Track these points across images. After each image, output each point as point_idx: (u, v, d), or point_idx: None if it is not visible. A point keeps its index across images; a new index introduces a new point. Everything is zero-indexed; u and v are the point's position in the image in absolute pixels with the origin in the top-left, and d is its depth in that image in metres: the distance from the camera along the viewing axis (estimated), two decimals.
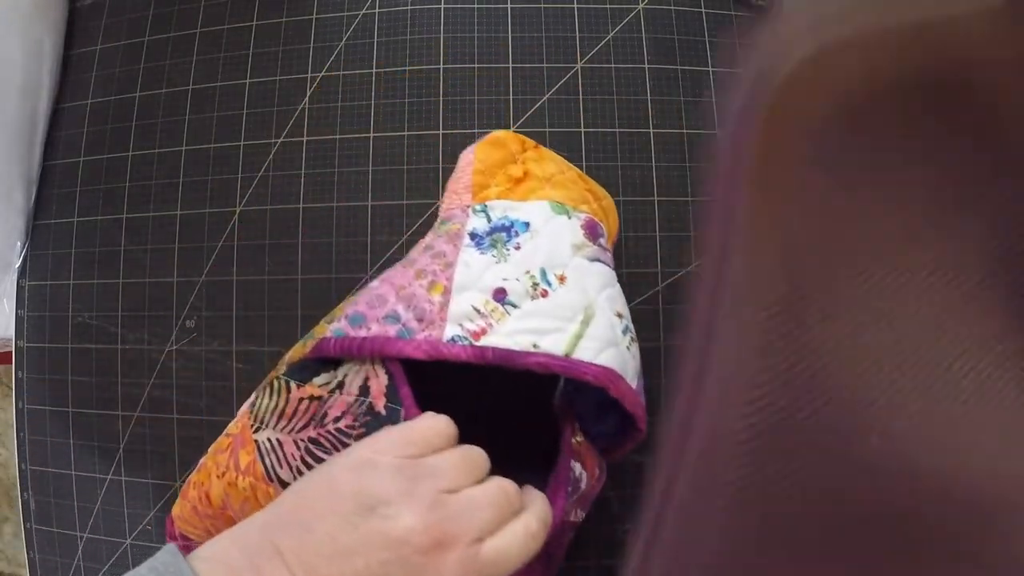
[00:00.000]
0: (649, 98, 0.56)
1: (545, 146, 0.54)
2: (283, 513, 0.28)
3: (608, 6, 0.57)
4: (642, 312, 0.53)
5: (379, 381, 0.32)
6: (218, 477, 0.34)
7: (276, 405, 0.33)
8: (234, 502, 0.33)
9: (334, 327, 0.33)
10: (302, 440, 0.32)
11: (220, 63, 0.57)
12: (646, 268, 0.53)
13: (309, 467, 0.32)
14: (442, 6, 0.56)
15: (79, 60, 0.60)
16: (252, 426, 0.34)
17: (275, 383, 0.34)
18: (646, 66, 0.56)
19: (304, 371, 0.34)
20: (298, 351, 0.35)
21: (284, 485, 0.32)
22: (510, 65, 0.55)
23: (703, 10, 0.57)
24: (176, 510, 0.38)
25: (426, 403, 0.32)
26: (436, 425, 0.30)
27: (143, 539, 0.53)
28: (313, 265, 0.53)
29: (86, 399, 0.55)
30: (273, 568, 0.25)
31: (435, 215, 0.53)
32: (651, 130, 0.55)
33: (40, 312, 0.57)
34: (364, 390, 0.32)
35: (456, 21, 0.56)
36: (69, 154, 0.58)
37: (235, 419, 0.36)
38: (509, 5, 0.56)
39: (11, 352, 0.57)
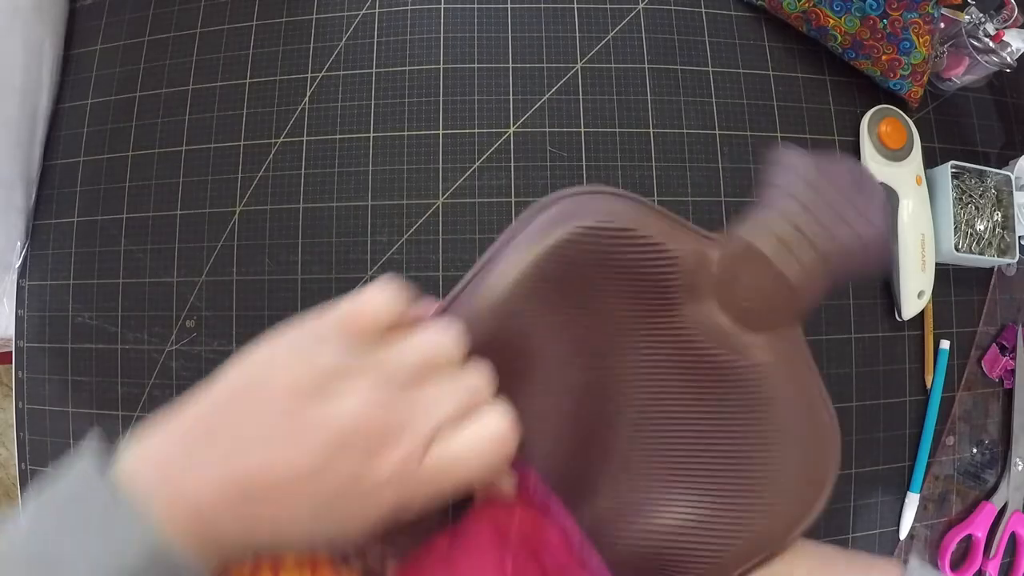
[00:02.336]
0: (649, 98, 0.56)
1: (545, 146, 0.54)
2: (215, 409, 0.25)
3: (608, 6, 0.57)
4: None
5: None
6: None
7: None
8: None
9: None
10: None
11: (220, 63, 0.57)
12: None
13: None
14: (442, 6, 0.56)
15: (79, 60, 0.60)
16: None
17: None
18: (646, 66, 0.56)
19: None
20: None
21: None
22: (510, 65, 0.55)
23: (703, 10, 0.57)
24: None
25: None
26: (379, 298, 0.25)
27: None
28: (313, 265, 0.53)
29: (86, 399, 0.55)
30: (199, 475, 0.23)
31: (435, 214, 0.53)
32: (651, 130, 0.55)
33: (40, 312, 0.57)
34: None
35: (456, 21, 0.56)
36: (69, 154, 0.58)
37: None
38: (509, 5, 0.56)
39: (11, 352, 0.57)
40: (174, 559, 0.22)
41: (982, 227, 0.55)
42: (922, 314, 0.56)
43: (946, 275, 0.57)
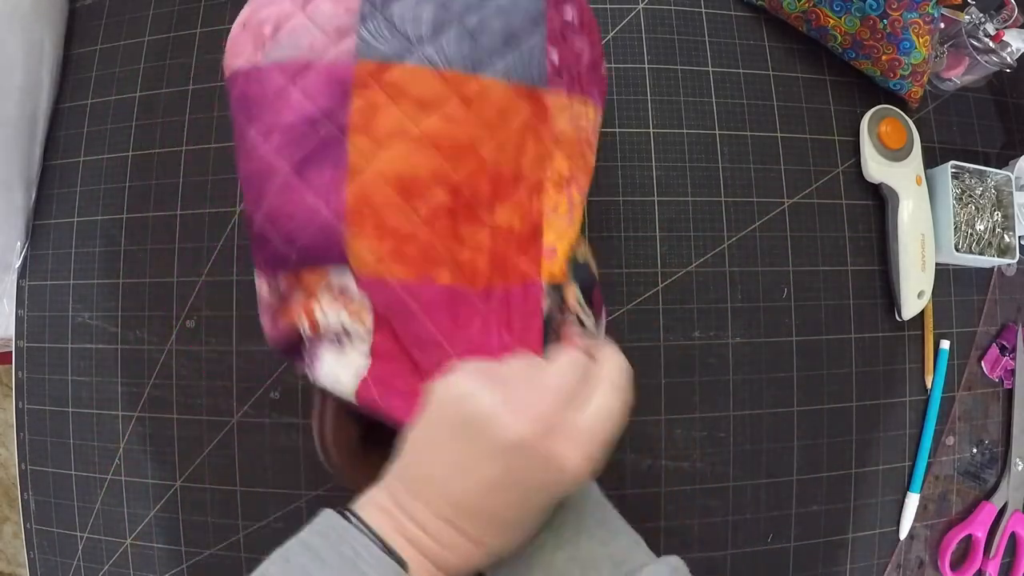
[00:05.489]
0: (649, 98, 0.56)
1: None
2: (410, 464, 0.30)
3: (608, 6, 0.57)
4: (642, 312, 0.53)
5: None
6: None
7: None
8: None
9: None
10: None
11: (220, 63, 0.57)
12: (646, 268, 0.53)
13: None
14: None
15: (79, 60, 0.60)
16: None
17: None
18: (646, 66, 0.56)
19: None
20: None
21: None
22: None
23: (703, 10, 0.57)
24: None
25: None
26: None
27: (143, 539, 0.53)
28: None
29: (86, 399, 0.55)
30: (415, 506, 0.29)
31: None
32: (651, 130, 0.55)
33: (40, 312, 0.57)
34: None
35: None
36: (69, 154, 0.58)
37: None
38: None
39: (11, 352, 0.57)
40: None
41: (982, 227, 0.55)
42: (922, 314, 0.56)
43: (946, 275, 0.57)
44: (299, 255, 0.33)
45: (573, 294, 0.36)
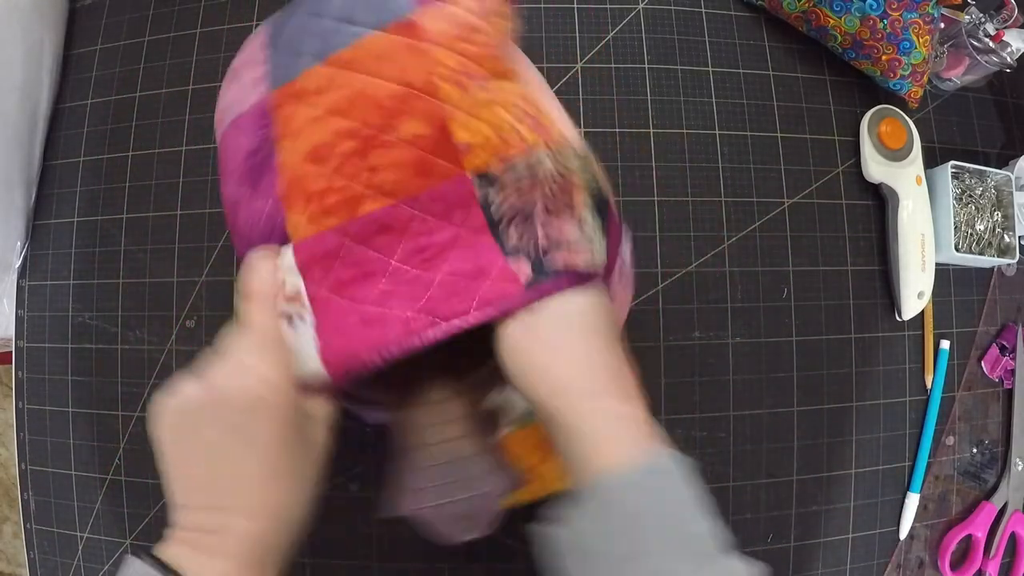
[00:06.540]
0: (649, 98, 0.56)
1: None
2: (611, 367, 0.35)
3: (608, 6, 0.57)
4: (642, 312, 0.53)
5: None
6: None
7: None
8: None
9: None
10: None
11: (220, 63, 0.57)
12: (646, 268, 0.53)
13: None
14: None
15: (79, 60, 0.60)
16: None
17: None
18: (646, 66, 0.56)
19: None
20: None
21: None
22: None
23: (703, 10, 0.57)
24: None
25: None
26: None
27: (143, 539, 0.53)
28: None
29: (86, 399, 0.55)
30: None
31: None
32: (651, 130, 0.55)
33: (40, 312, 0.57)
34: None
35: None
36: (69, 154, 0.58)
37: None
38: None
39: (11, 352, 0.57)
40: None
41: (982, 227, 0.56)
42: (922, 314, 0.56)
43: (946, 275, 0.57)
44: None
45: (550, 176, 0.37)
